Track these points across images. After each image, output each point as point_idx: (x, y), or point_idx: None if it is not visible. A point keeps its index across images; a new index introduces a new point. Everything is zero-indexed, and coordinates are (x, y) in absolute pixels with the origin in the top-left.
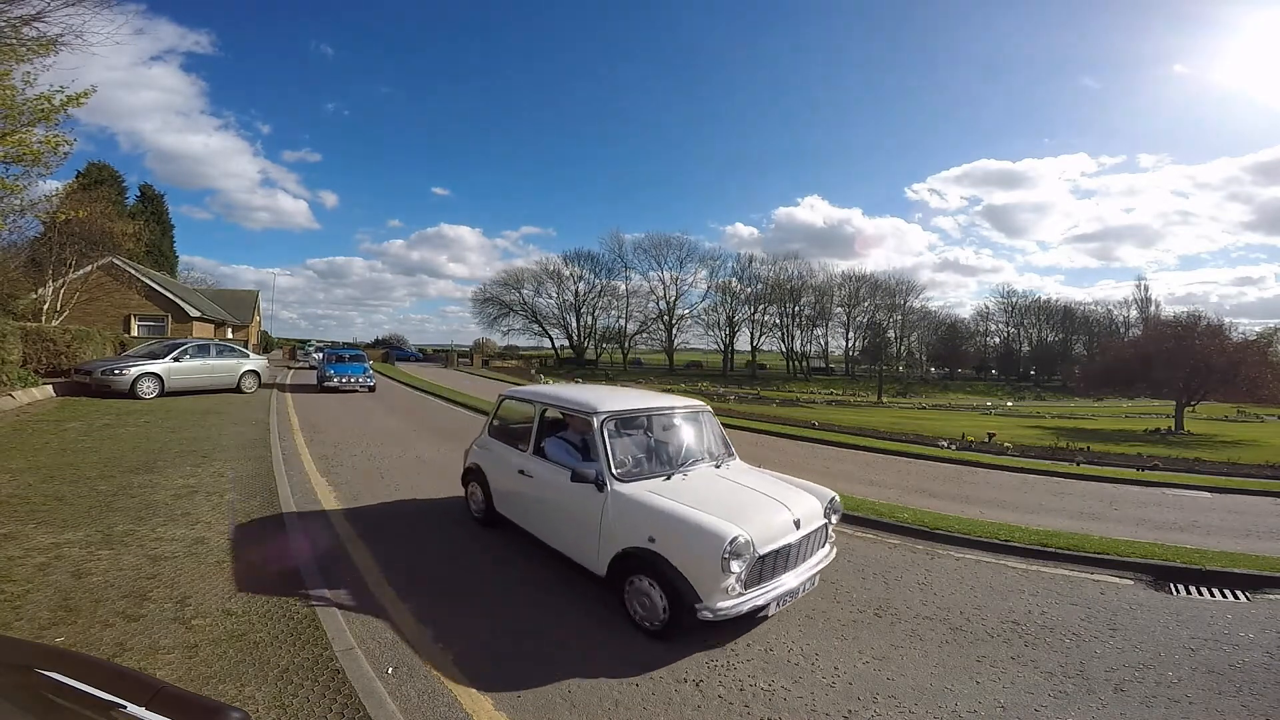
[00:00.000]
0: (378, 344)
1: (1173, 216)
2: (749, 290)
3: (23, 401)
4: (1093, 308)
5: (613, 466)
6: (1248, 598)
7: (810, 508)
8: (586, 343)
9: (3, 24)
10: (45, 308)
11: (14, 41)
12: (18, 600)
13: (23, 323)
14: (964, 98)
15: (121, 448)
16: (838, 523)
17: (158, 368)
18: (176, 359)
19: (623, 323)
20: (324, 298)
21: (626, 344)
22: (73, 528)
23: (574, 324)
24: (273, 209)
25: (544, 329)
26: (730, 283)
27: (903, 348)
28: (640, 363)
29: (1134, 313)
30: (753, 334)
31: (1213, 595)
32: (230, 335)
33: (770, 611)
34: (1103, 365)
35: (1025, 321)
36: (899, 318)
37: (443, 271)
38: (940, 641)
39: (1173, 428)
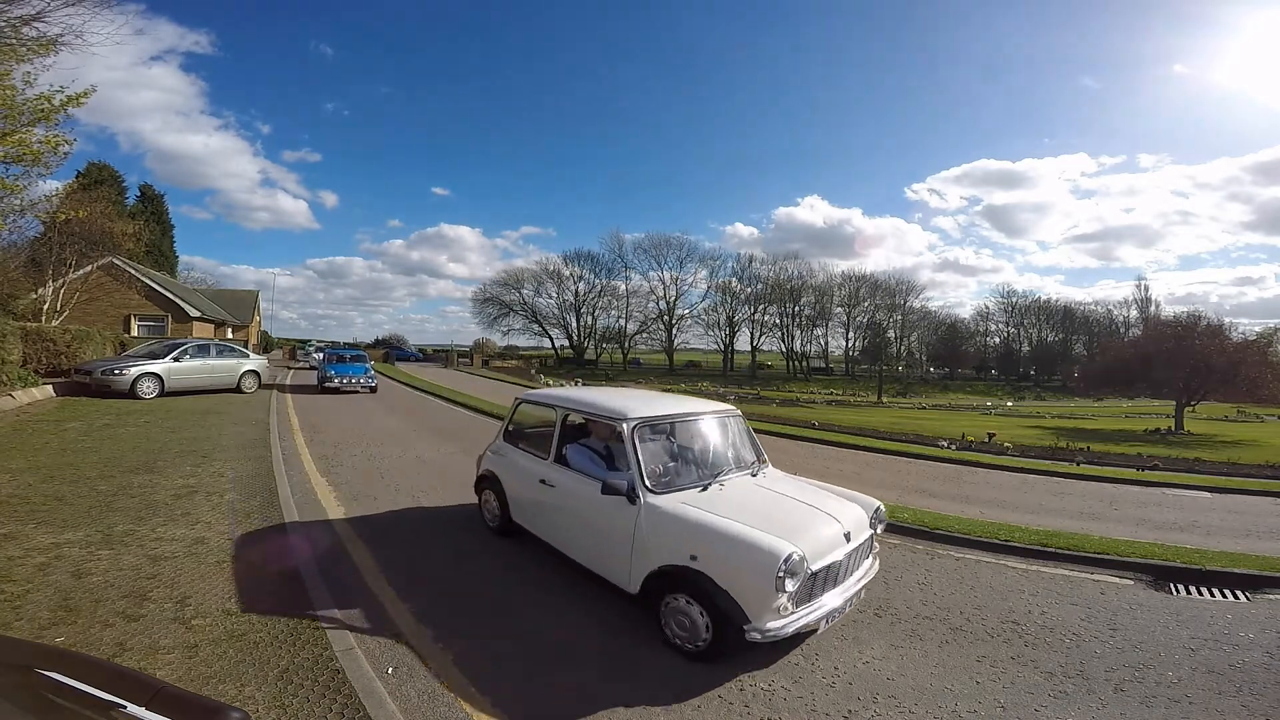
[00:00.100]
0: (378, 344)
1: (1173, 216)
2: (749, 290)
3: (23, 401)
4: (1093, 308)
5: (645, 477)
6: (1248, 598)
7: (857, 518)
8: (586, 343)
9: (3, 24)
10: (45, 308)
11: (14, 41)
12: (18, 600)
13: (23, 323)
14: (964, 98)
15: (121, 448)
16: (882, 532)
17: (158, 368)
18: (176, 359)
19: (623, 323)
20: (324, 298)
21: (626, 344)
22: (73, 528)
23: (574, 324)
24: (273, 209)
25: (544, 329)
26: (730, 283)
27: (903, 348)
28: (639, 363)
29: (1134, 313)
30: (753, 334)
31: (1213, 595)
32: (230, 335)
33: (820, 629)
34: (1103, 365)
35: (1025, 321)
36: (899, 318)
37: (443, 271)
38: (940, 641)
39: (1173, 428)
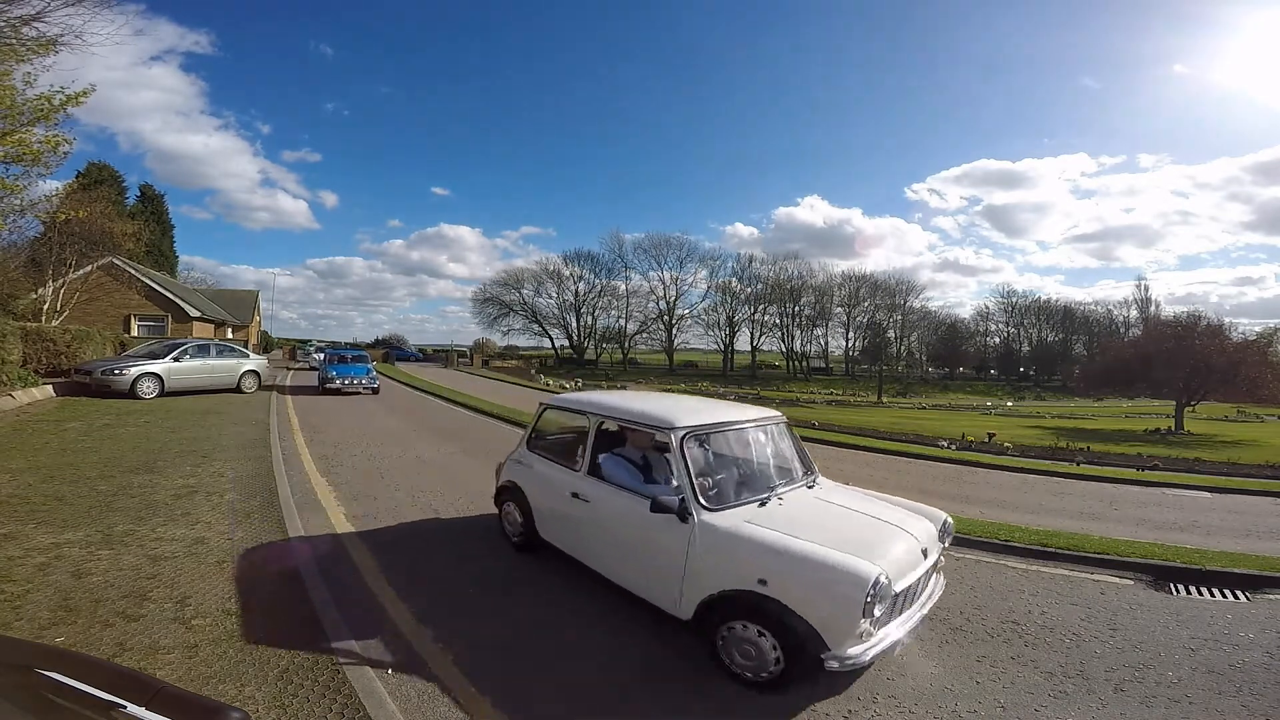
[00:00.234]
0: (378, 344)
1: (1173, 216)
2: (749, 290)
3: (23, 401)
4: (1093, 308)
5: (699, 493)
6: (1248, 598)
7: (927, 532)
8: (586, 343)
9: (2, 24)
10: (45, 308)
11: (14, 41)
12: (18, 600)
13: (23, 323)
14: (964, 98)
15: (121, 448)
16: (948, 547)
17: (158, 368)
18: (176, 359)
19: (623, 323)
20: (324, 298)
21: (626, 344)
22: (73, 528)
23: (574, 324)
24: (273, 209)
25: (544, 329)
26: (730, 283)
27: (903, 348)
28: (637, 363)
29: (1134, 313)
30: (753, 334)
31: (1213, 595)
32: (230, 335)
33: (896, 651)
34: (1103, 365)
35: (1025, 321)
36: (899, 318)
37: (443, 271)
38: (940, 641)
39: (1173, 428)
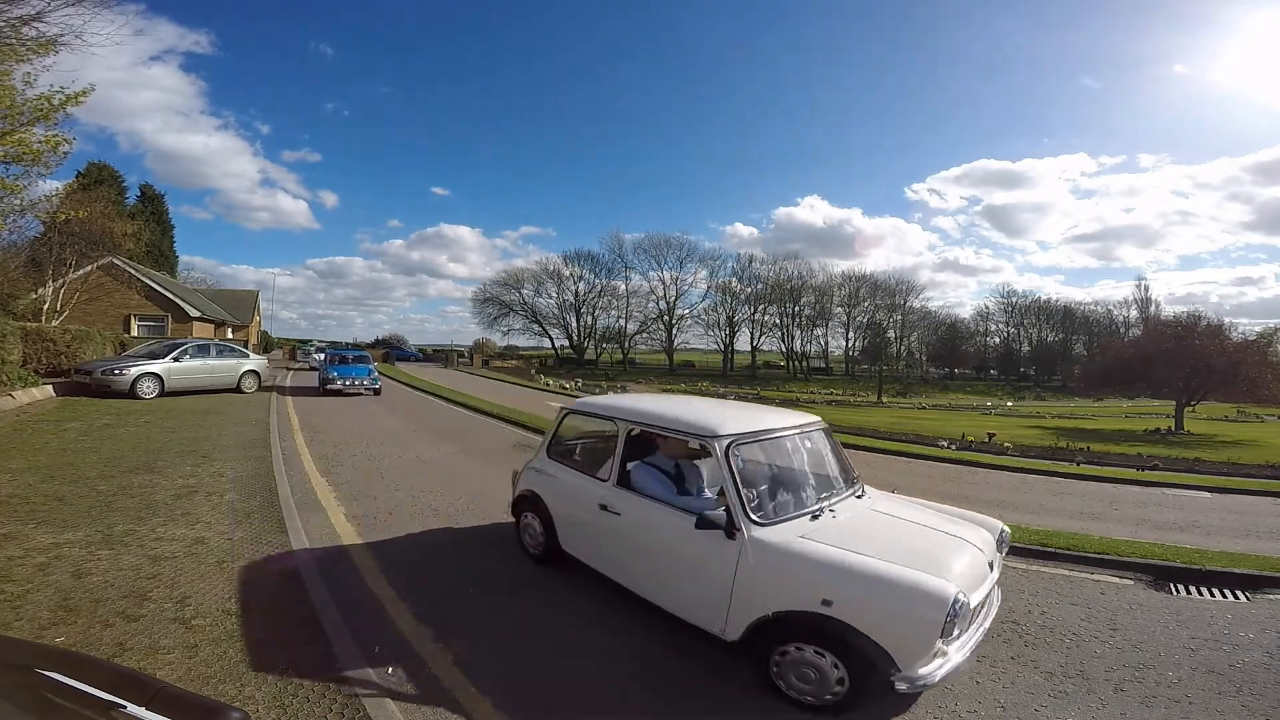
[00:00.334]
0: (378, 344)
1: (1173, 216)
2: (749, 290)
3: (23, 401)
4: (1093, 308)
5: (748, 507)
6: (1248, 598)
7: (987, 543)
8: (586, 343)
9: (2, 24)
10: (45, 308)
11: (14, 41)
12: (18, 600)
13: (23, 323)
14: (964, 98)
15: (121, 448)
16: (1005, 556)
17: (158, 368)
18: (176, 359)
19: (623, 323)
20: (324, 298)
21: (626, 344)
22: (73, 528)
23: (574, 324)
24: (273, 209)
25: (544, 329)
26: (730, 283)
27: (903, 348)
28: (636, 363)
29: (1134, 313)
30: (753, 334)
31: (1213, 595)
32: (230, 335)
33: (963, 669)
34: (1103, 365)
35: (1025, 321)
36: (899, 318)
37: (443, 271)
38: None
39: (1173, 428)
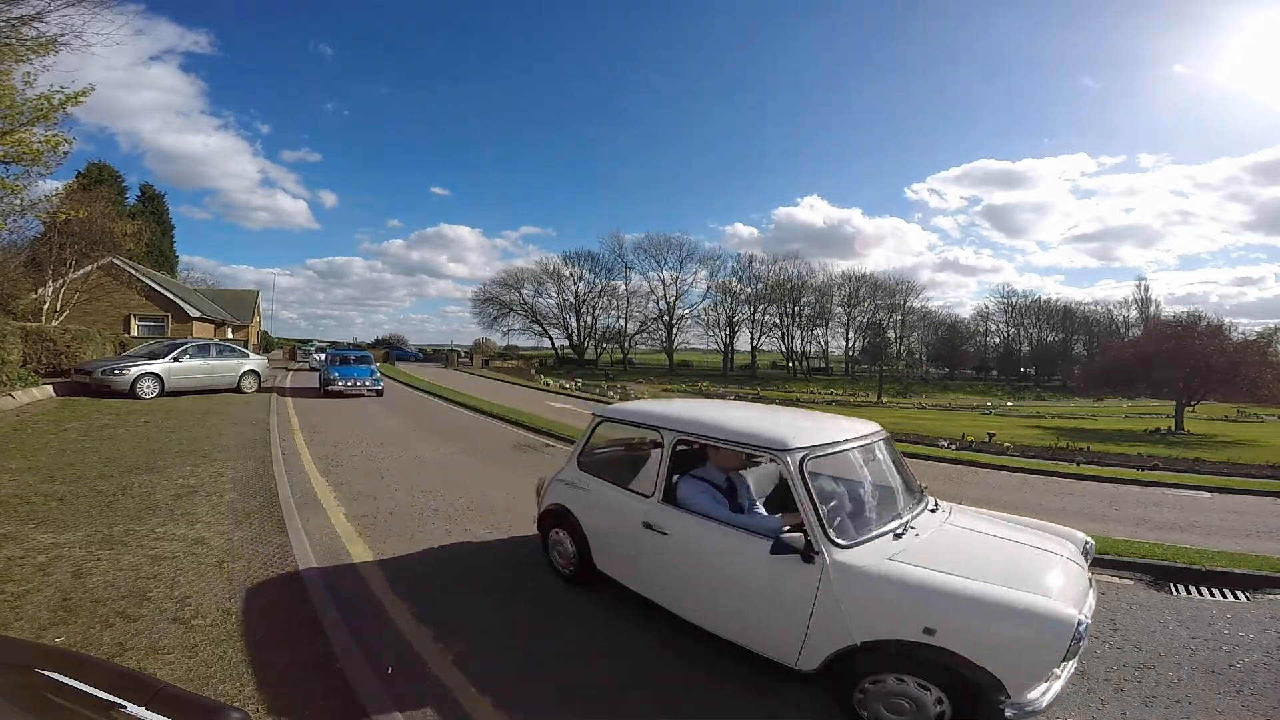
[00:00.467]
0: (378, 344)
1: (1173, 216)
2: (749, 290)
3: (23, 401)
4: (1093, 308)
5: (828, 527)
6: (1248, 598)
7: (1077, 556)
8: (586, 343)
9: (2, 24)
10: (45, 308)
11: (14, 41)
12: (18, 600)
13: (23, 323)
14: (964, 98)
15: (121, 448)
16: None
17: (158, 368)
18: (176, 359)
19: (623, 323)
20: (324, 298)
21: (626, 344)
22: (73, 528)
23: (574, 324)
24: (272, 209)
25: (544, 329)
26: (730, 283)
27: (903, 348)
28: (634, 363)
29: (1134, 313)
30: (753, 334)
31: (1213, 595)
32: (230, 335)
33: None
34: (1103, 365)
35: (1025, 321)
36: (899, 318)
37: (443, 271)
38: None
39: (1173, 428)
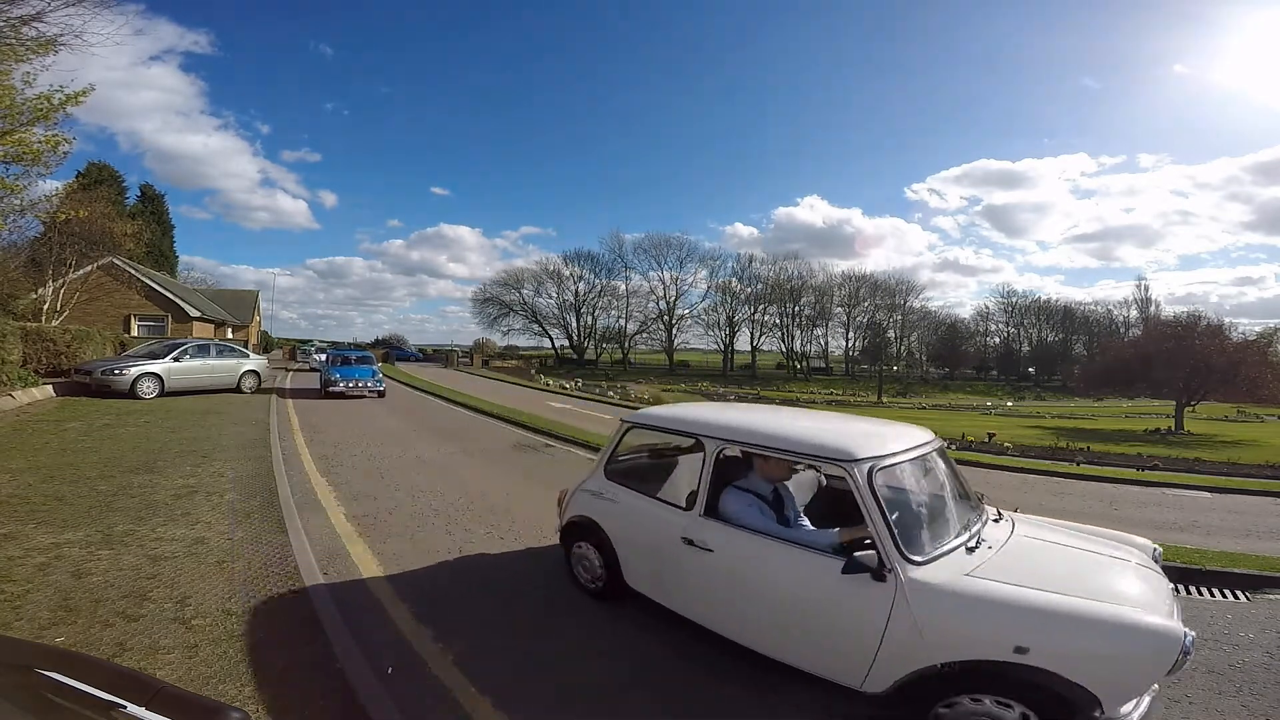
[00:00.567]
0: (378, 344)
1: (1173, 216)
2: (749, 290)
3: (23, 401)
4: (1093, 308)
5: (901, 543)
6: (1248, 598)
7: (1153, 565)
8: (586, 343)
9: (2, 24)
10: (45, 308)
11: (13, 41)
12: (18, 600)
13: (23, 323)
14: (964, 98)
15: (121, 448)
16: None
17: (158, 368)
18: (176, 359)
19: (623, 323)
20: (324, 298)
21: (626, 344)
22: (73, 528)
23: (574, 324)
24: (272, 209)
25: (544, 329)
26: (730, 283)
27: (903, 348)
28: (633, 363)
29: (1134, 313)
30: (753, 334)
31: (1213, 595)
32: (230, 335)
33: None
34: (1103, 365)
35: (1025, 321)
36: (899, 318)
37: (443, 271)
38: None
39: (1173, 428)
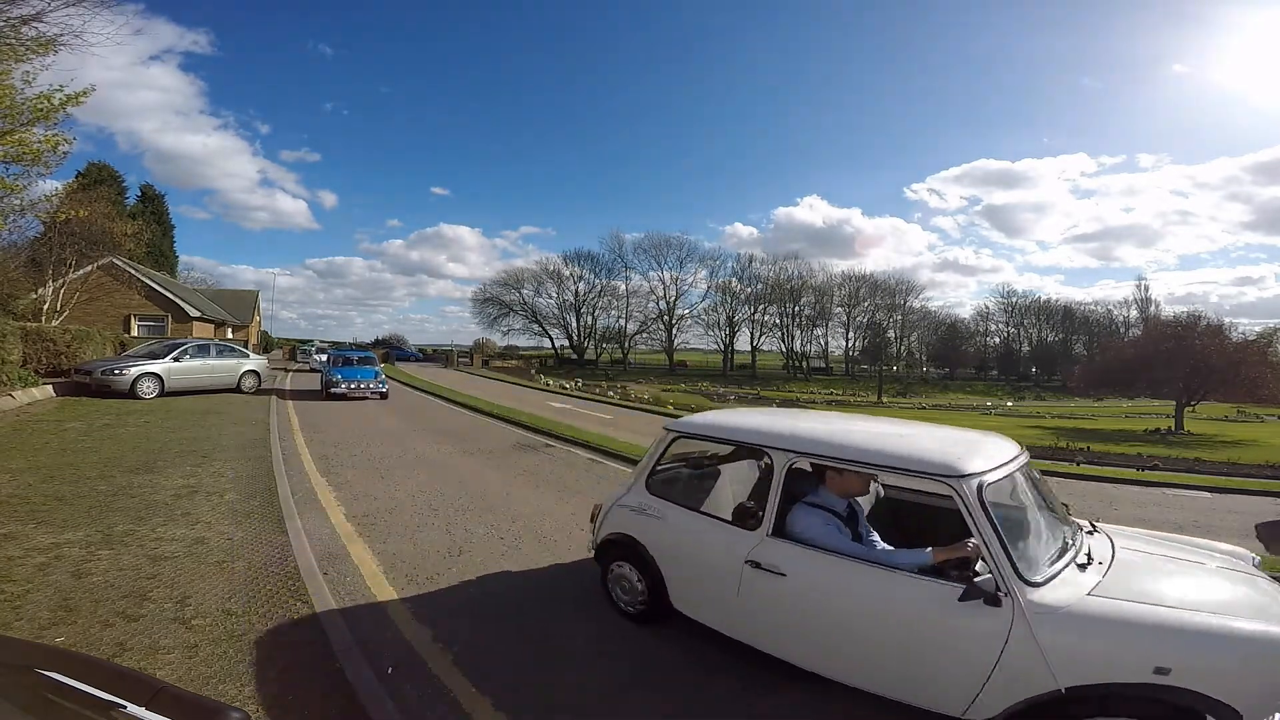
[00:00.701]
0: (378, 344)
1: (1172, 216)
2: (749, 290)
3: (23, 401)
4: (1093, 308)
5: (1018, 564)
6: None
7: (1260, 574)
8: (586, 343)
9: (2, 24)
10: (45, 308)
11: (13, 41)
12: (18, 600)
13: (23, 323)
14: (964, 98)
15: (121, 448)
16: None
17: (158, 368)
18: (176, 359)
19: (623, 323)
20: (324, 298)
21: (626, 344)
22: (73, 528)
23: (574, 324)
24: (272, 209)
25: (544, 329)
26: (730, 283)
27: (903, 348)
28: (632, 363)
29: (1134, 313)
30: (753, 334)
31: None
32: (230, 335)
33: None
34: (1102, 365)
35: (1025, 321)
36: (899, 318)
37: (442, 271)
38: None
39: (1173, 428)
